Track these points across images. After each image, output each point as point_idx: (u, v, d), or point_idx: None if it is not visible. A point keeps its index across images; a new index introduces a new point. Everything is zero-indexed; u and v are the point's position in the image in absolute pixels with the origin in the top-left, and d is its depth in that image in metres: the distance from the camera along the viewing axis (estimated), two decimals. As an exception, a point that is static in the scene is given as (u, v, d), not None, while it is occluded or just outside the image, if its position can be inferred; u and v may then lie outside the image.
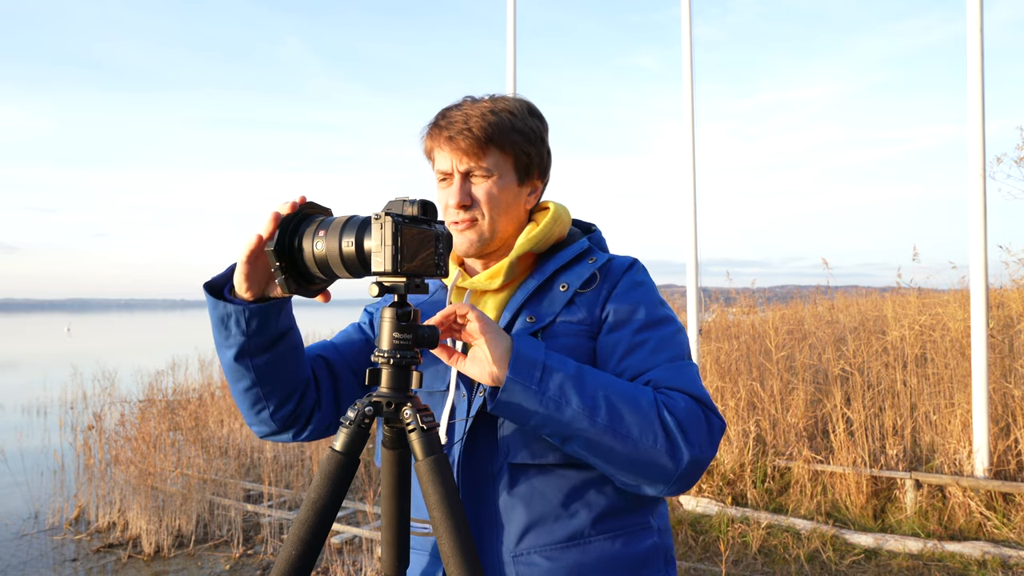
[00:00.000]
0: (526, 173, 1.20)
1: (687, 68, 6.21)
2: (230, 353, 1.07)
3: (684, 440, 1.02)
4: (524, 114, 1.19)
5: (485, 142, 1.13)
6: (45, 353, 24.67)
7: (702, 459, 1.03)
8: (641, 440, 1.01)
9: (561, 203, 1.28)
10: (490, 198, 1.16)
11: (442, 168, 1.17)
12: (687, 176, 6.21)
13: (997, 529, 4.40)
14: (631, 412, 1.02)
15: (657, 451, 1.01)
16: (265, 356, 1.08)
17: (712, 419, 1.07)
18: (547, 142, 1.24)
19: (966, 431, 4.99)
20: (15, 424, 9.81)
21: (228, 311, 1.03)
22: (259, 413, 1.14)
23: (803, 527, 4.62)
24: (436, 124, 1.17)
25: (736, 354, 6.97)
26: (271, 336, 1.07)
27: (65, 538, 5.15)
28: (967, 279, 5.12)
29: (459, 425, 1.13)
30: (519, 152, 1.17)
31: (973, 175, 4.83)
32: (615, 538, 1.11)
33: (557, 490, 1.10)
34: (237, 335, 1.05)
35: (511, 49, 6.62)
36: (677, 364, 1.12)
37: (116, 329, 48.65)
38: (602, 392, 1.02)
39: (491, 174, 1.15)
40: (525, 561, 1.09)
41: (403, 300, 0.98)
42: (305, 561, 0.93)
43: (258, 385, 1.11)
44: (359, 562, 4.30)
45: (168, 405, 8.79)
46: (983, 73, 4.83)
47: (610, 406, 1.01)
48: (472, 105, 1.17)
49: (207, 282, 1.06)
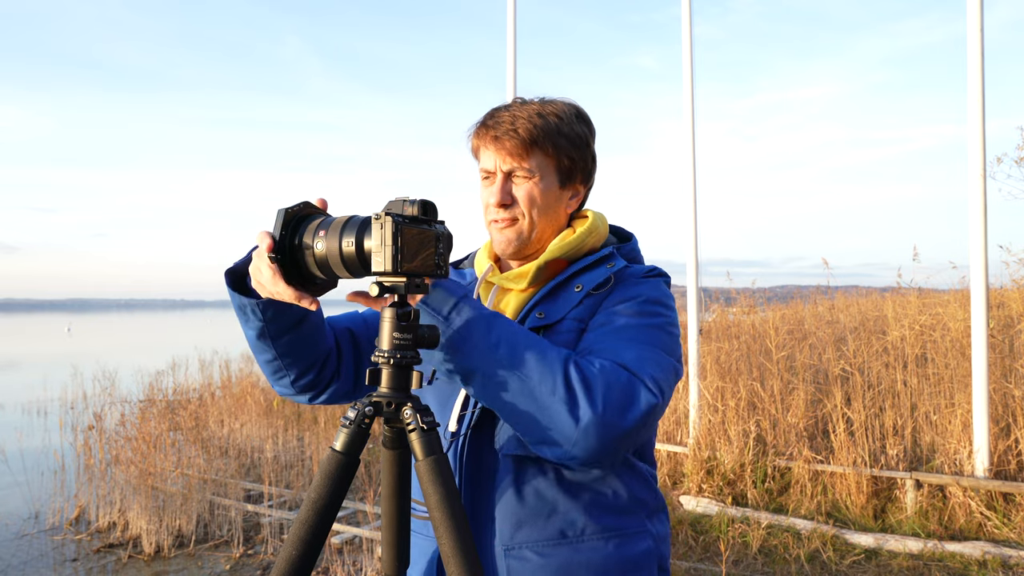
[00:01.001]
0: (568, 177, 1.21)
1: (687, 67, 6.21)
2: (252, 333, 1.12)
3: (587, 397, 0.97)
4: (571, 119, 1.20)
5: (530, 144, 1.15)
6: (45, 353, 24.67)
7: (609, 423, 0.97)
8: (539, 387, 0.98)
9: (600, 212, 1.28)
10: (530, 199, 1.17)
11: (486, 167, 1.19)
12: (687, 176, 6.21)
13: (997, 529, 4.40)
14: (535, 358, 0.99)
15: (555, 401, 0.97)
16: (285, 336, 1.13)
17: (637, 388, 1.00)
18: (592, 147, 1.24)
19: (966, 431, 4.99)
20: (15, 424, 9.80)
21: (243, 302, 1.08)
22: (280, 379, 1.20)
23: (803, 527, 4.62)
24: (484, 123, 1.19)
25: (736, 354, 6.97)
26: (289, 320, 1.11)
27: (65, 538, 5.15)
28: (967, 279, 5.13)
29: (467, 416, 1.15)
30: (563, 156, 1.18)
31: (973, 175, 4.83)
32: (608, 539, 1.11)
33: (552, 487, 1.11)
34: (255, 321, 1.09)
35: (511, 49, 6.61)
36: (631, 344, 1.07)
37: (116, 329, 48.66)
38: (509, 336, 1.01)
39: (533, 175, 1.17)
40: (517, 555, 1.10)
41: (403, 300, 0.98)
42: (305, 561, 0.93)
43: (279, 359, 1.16)
44: (359, 562, 4.30)
45: (168, 405, 8.79)
46: (983, 73, 4.83)
47: (513, 348, 1.00)
48: (521, 107, 1.18)
49: (229, 268, 1.09)
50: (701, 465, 5.48)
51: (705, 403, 6.05)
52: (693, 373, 6.11)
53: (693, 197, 6.19)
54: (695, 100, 6.24)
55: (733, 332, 7.73)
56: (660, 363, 1.06)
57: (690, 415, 6.07)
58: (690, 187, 6.19)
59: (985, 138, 4.82)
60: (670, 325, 1.15)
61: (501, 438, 1.12)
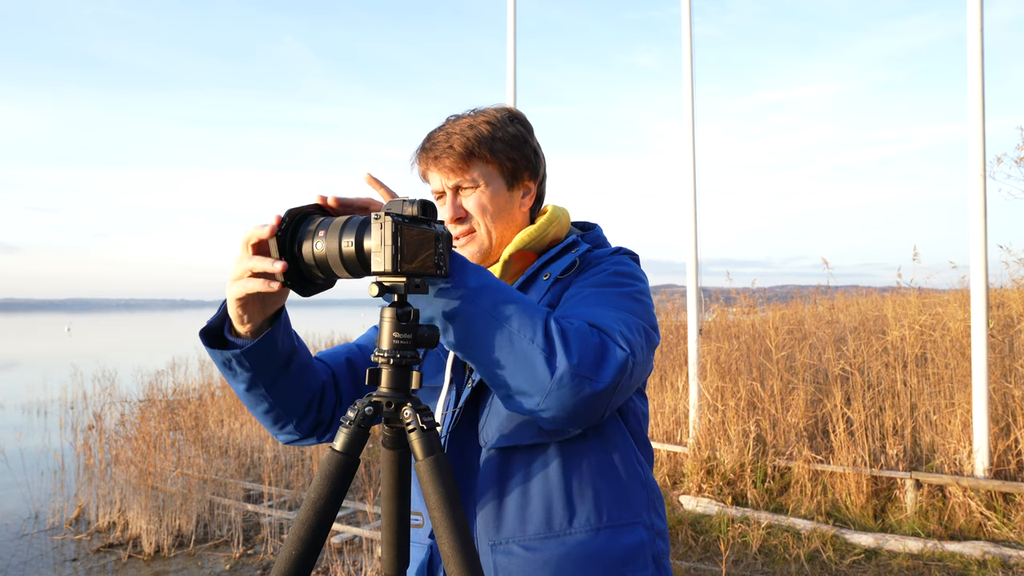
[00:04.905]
0: (514, 177, 1.24)
1: (687, 67, 6.21)
2: (241, 387, 1.10)
3: (564, 348, 0.97)
4: (504, 121, 1.23)
5: (467, 155, 1.19)
6: (45, 353, 24.68)
7: (584, 376, 0.97)
8: (518, 333, 0.99)
9: (561, 206, 1.31)
10: (481, 207, 1.21)
11: (435, 188, 1.24)
12: (687, 176, 6.21)
13: (997, 529, 4.40)
14: (517, 308, 1.00)
15: (533, 349, 0.97)
16: (276, 382, 1.11)
17: (610, 345, 1.01)
18: (532, 143, 1.27)
19: (966, 431, 4.99)
20: (15, 424, 9.81)
21: (227, 357, 1.05)
22: (283, 428, 1.19)
23: (803, 527, 4.62)
24: (423, 148, 1.24)
25: (736, 354, 6.97)
26: (276, 365, 1.09)
27: (65, 538, 5.15)
28: (967, 279, 5.13)
29: (448, 416, 1.16)
30: (503, 159, 1.21)
31: (973, 175, 4.83)
32: (598, 532, 1.11)
33: (538, 481, 1.11)
34: (243, 373, 1.07)
35: (511, 49, 6.61)
36: (602, 308, 1.08)
37: (116, 329, 48.65)
38: (494, 284, 1.02)
39: (478, 184, 1.21)
40: (504, 551, 1.10)
41: (403, 300, 0.98)
42: (305, 561, 0.93)
43: (276, 407, 1.14)
44: (359, 562, 4.31)
45: (168, 405, 8.80)
46: (983, 72, 4.83)
47: (494, 295, 1.01)
48: (454, 123, 1.23)
49: (203, 329, 1.06)
50: (701, 465, 5.48)
51: (705, 403, 6.05)
52: (693, 373, 6.11)
53: (693, 197, 6.19)
54: (695, 99, 6.25)
55: (733, 332, 7.73)
56: (628, 323, 1.07)
57: (690, 415, 6.08)
58: (690, 187, 6.19)
59: (985, 138, 4.82)
60: (639, 293, 1.16)
61: (486, 432, 1.13)
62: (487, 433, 1.13)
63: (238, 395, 1.14)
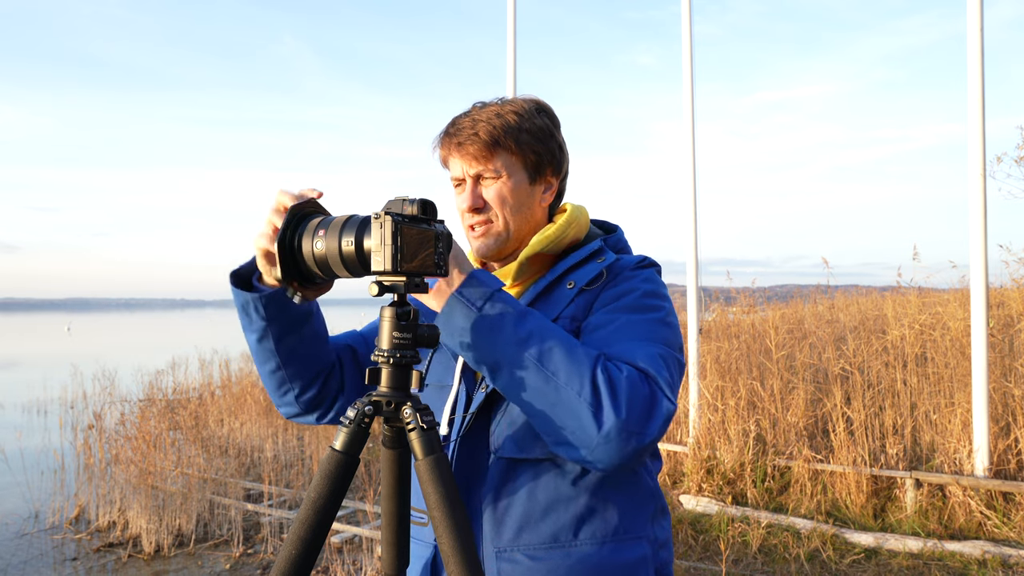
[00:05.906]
0: (537, 171, 1.21)
1: (687, 66, 6.20)
2: (253, 337, 1.14)
3: (612, 402, 0.96)
4: (531, 113, 1.20)
5: (492, 144, 1.15)
6: (45, 353, 24.68)
7: (633, 431, 0.97)
8: (566, 386, 0.97)
9: (580, 205, 1.28)
10: (501, 199, 1.18)
11: (455, 175, 1.20)
12: (687, 175, 6.20)
13: (997, 528, 4.40)
14: (563, 356, 0.99)
15: (580, 403, 0.97)
16: (287, 339, 1.14)
17: (659, 397, 1.00)
18: (558, 138, 1.24)
19: (966, 430, 4.99)
20: (15, 424, 9.81)
21: (246, 299, 1.09)
22: (285, 395, 1.20)
23: (803, 526, 4.62)
24: (446, 132, 1.20)
25: (736, 353, 6.97)
26: (290, 320, 1.12)
27: (65, 537, 5.16)
28: (967, 278, 5.13)
29: (458, 420, 1.15)
30: (527, 151, 1.18)
31: (973, 174, 4.83)
32: (602, 544, 1.10)
33: (546, 490, 1.10)
34: (258, 320, 1.11)
35: (511, 49, 6.61)
36: (640, 343, 1.07)
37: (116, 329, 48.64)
38: (540, 331, 1.01)
39: (500, 175, 1.17)
40: (508, 558, 1.09)
41: (403, 299, 0.98)
42: (305, 560, 0.93)
43: (283, 368, 1.16)
44: (359, 561, 4.31)
45: (168, 404, 8.79)
46: (983, 72, 4.83)
47: (543, 342, 1.00)
48: (480, 110, 1.19)
49: (234, 270, 1.11)
50: (701, 464, 5.48)
51: (705, 402, 6.05)
52: (693, 373, 6.11)
53: (693, 196, 6.19)
54: (695, 99, 6.24)
55: (733, 331, 7.73)
56: (667, 360, 1.07)
57: (690, 414, 6.07)
58: (690, 186, 6.19)
59: (985, 137, 4.82)
60: (669, 316, 1.15)
61: (497, 439, 1.12)
62: (498, 440, 1.12)
63: (251, 350, 1.17)
